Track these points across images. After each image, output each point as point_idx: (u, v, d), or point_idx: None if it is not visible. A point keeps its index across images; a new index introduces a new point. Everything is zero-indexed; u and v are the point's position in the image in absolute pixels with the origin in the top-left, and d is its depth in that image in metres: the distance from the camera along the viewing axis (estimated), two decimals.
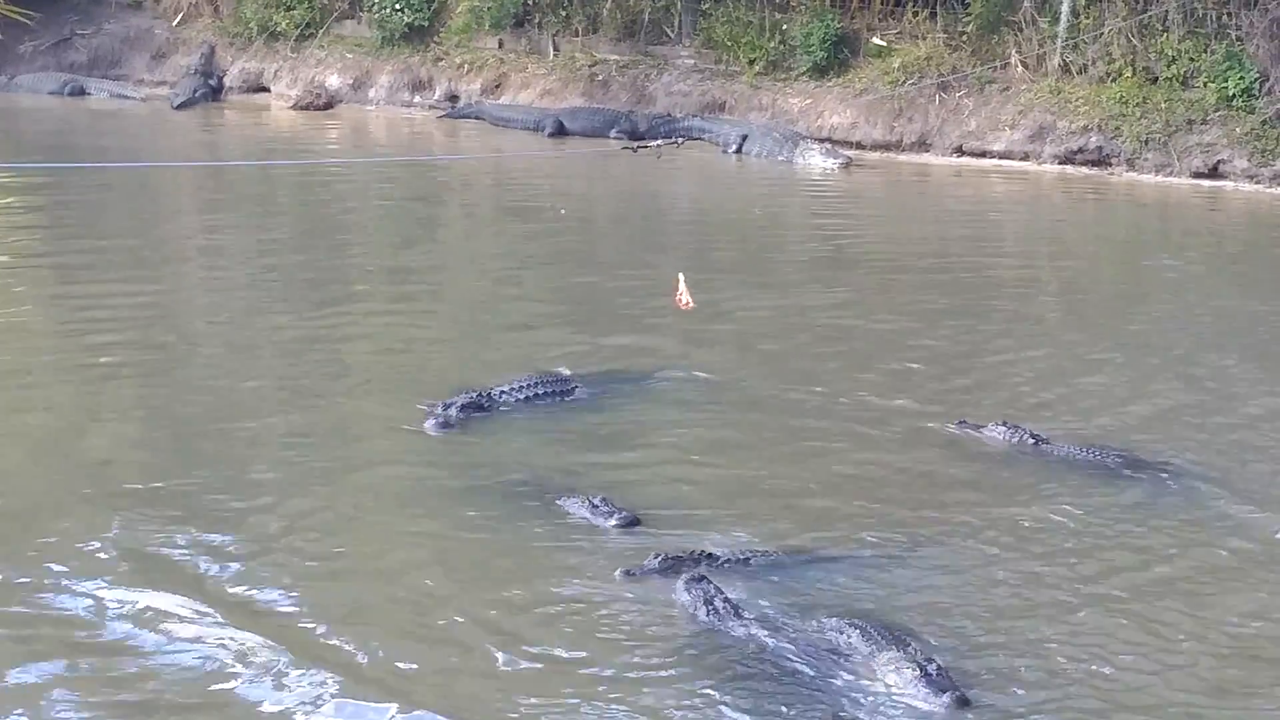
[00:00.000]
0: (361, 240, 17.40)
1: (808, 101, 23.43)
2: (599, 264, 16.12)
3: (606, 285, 14.86)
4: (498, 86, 25.53)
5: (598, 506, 9.13)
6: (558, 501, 9.32)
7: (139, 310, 13.51)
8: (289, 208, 19.18)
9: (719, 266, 15.80)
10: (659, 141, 22.22)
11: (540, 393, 11.08)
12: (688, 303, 11.60)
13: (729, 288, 14.57)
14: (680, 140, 22.07)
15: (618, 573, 8.41)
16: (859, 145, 22.76)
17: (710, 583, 8.09)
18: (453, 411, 10.68)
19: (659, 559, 8.45)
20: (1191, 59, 21.38)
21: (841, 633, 7.67)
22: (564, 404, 11.10)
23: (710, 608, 7.88)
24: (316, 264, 15.64)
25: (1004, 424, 10.58)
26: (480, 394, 10.96)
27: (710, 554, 8.55)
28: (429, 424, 10.55)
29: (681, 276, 11.65)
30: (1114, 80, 21.75)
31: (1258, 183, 20.54)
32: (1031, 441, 10.40)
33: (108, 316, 13.21)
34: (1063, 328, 14.02)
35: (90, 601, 7.96)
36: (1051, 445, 10.39)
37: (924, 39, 23.23)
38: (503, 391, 11.05)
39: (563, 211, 18.72)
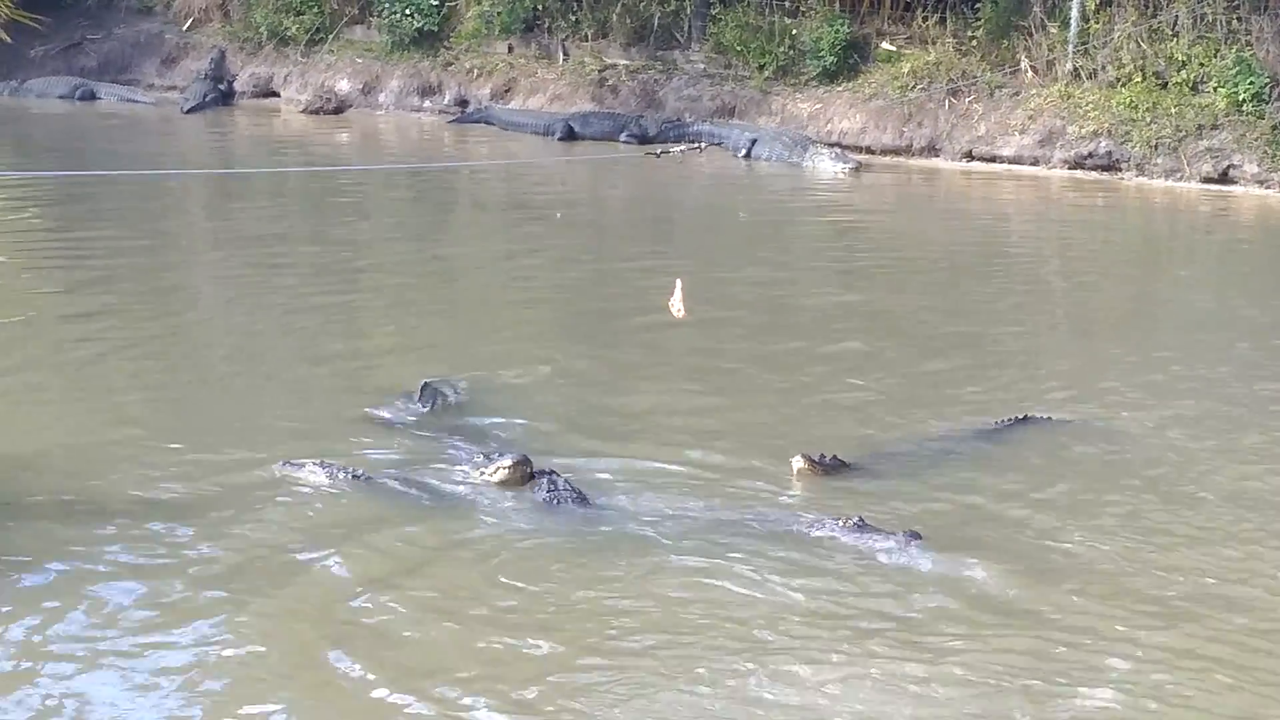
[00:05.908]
0: (367, 243, 17.39)
1: (817, 106, 23.41)
2: (602, 267, 16.10)
3: (607, 288, 14.85)
4: (507, 91, 25.54)
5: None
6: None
7: (143, 318, 13.49)
8: (297, 210, 19.19)
9: (723, 266, 15.77)
10: (681, 148, 22.32)
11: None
12: (679, 310, 11.05)
13: (732, 287, 14.54)
14: (701, 146, 22.19)
15: (279, 464, 9.09)
16: (868, 150, 22.72)
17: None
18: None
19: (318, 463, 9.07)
20: (1201, 64, 21.32)
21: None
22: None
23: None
24: (323, 267, 15.64)
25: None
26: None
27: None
28: (505, 460, 9.31)
29: (679, 283, 11.11)
30: (1124, 85, 21.69)
31: (1268, 187, 20.47)
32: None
33: (112, 318, 13.22)
34: (1070, 326, 14.01)
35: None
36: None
37: (934, 44, 23.20)
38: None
39: (559, 216, 18.75)
